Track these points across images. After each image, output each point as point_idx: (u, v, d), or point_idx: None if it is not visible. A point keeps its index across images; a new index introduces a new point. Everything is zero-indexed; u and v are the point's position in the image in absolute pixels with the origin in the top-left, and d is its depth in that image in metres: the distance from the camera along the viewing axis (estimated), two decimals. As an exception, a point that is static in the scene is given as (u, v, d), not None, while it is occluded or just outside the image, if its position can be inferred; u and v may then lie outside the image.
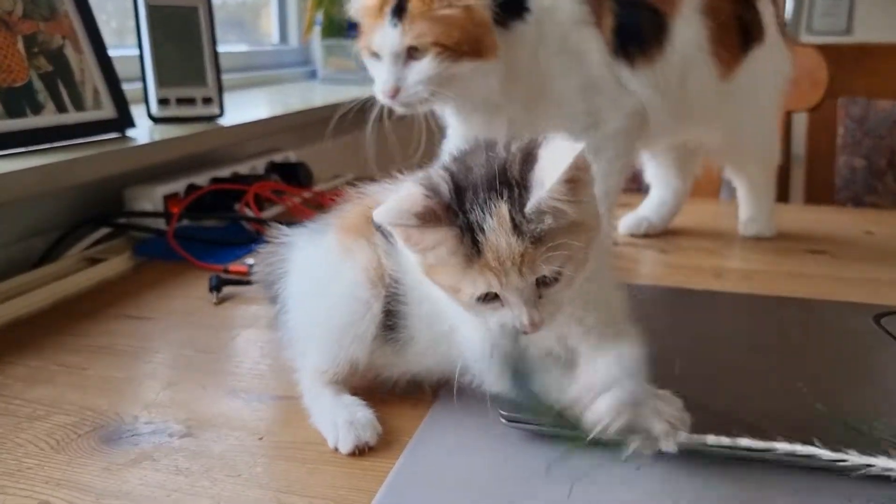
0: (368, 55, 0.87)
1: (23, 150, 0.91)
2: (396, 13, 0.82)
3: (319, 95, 1.70)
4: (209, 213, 1.11)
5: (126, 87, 1.09)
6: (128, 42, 1.41)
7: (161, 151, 1.08)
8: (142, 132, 1.09)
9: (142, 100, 1.16)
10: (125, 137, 1.06)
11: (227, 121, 1.23)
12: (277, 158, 1.36)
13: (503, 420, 0.56)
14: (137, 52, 1.16)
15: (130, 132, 1.07)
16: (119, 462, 0.54)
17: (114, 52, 1.09)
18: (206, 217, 1.10)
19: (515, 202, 0.48)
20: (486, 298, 0.50)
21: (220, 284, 0.87)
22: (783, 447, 0.49)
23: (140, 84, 1.16)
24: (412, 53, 0.82)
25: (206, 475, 0.53)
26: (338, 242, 0.60)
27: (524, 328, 0.50)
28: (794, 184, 1.69)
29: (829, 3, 4.67)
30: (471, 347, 0.56)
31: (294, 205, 1.18)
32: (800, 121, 1.67)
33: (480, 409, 0.57)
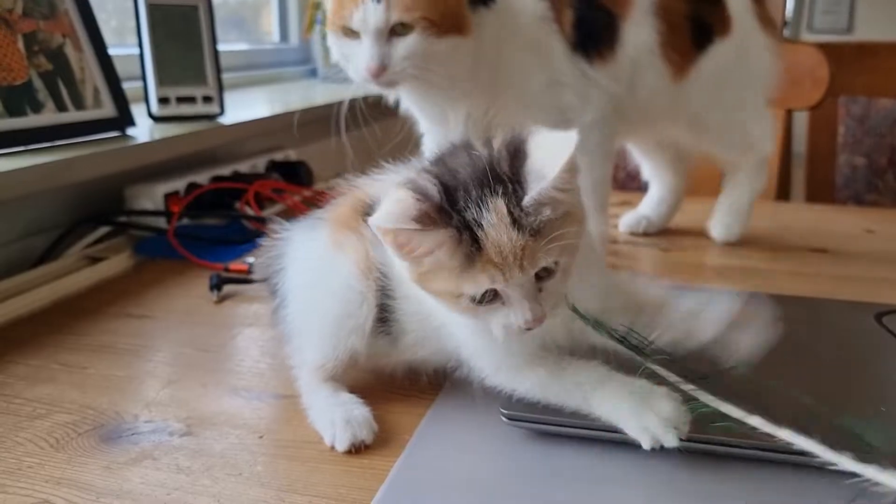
0: (342, 35, 0.83)
1: (23, 149, 0.91)
2: None
3: (320, 94, 1.70)
4: (210, 212, 1.11)
5: (126, 86, 1.08)
6: (128, 41, 1.41)
7: (161, 150, 1.08)
8: (142, 131, 1.09)
9: (142, 98, 1.16)
10: (125, 136, 1.06)
11: (228, 119, 1.23)
12: (278, 157, 1.36)
13: (504, 419, 0.56)
14: (138, 51, 1.16)
15: (131, 131, 1.07)
16: (119, 461, 0.54)
17: (114, 51, 1.09)
18: (207, 216, 1.10)
19: (511, 197, 0.48)
20: (485, 300, 0.50)
21: (221, 283, 0.87)
22: (785, 434, 0.48)
23: (140, 83, 1.16)
24: (395, 30, 0.79)
25: (207, 474, 0.53)
26: (330, 236, 0.61)
27: (528, 324, 0.50)
28: (795, 182, 1.69)
29: (830, 2, 4.67)
30: (464, 345, 0.57)
31: (294, 203, 1.18)
32: (800, 119, 1.67)
33: (481, 408, 0.57)
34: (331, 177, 1.40)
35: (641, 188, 1.18)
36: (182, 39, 1.19)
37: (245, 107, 1.38)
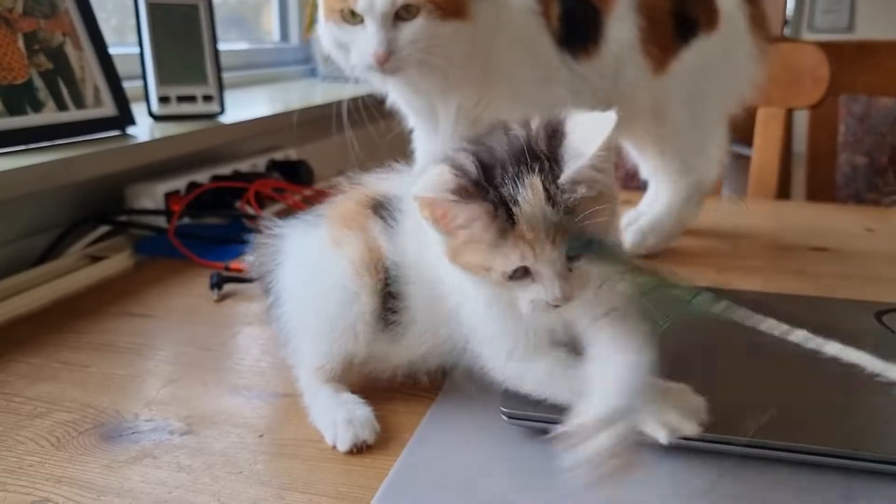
0: (341, 21, 0.81)
1: (23, 148, 0.91)
2: None
3: (320, 93, 1.70)
4: (210, 211, 1.11)
5: (127, 85, 1.09)
6: (128, 40, 1.41)
7: (162, 149, 1.08)
8: (142, 130, 1.09)
9: (142, 97, 1.16)
10: (126, 135, 1.06)
11: (228, 118, 1.23)
12: (278, 156, 1.36)
13: (504, 417, 0.56)
14: (138, 50, 1.16)
15: (131, 130, 1.07)
16: (120, 459, 0.54)
17: (114, 50, 1.09)
18: (207, 215, 1.10)
19: (547, 174, 0.49)
20: (517, 275, 0.50)
21: (221, 282, 0.87)
22: (834, 348, 0.50)
23: (141, 82, 1.16)
24: (399, 14, 0.78)
25: (208, 472, 0.53)
26: (329, 234, 0.60)
27: (556, 301, 0.50)
28: (796, 181, 1.69)
29: (831, 1, 4.67)
30: (477, 329, 0.56)
31: (295, 202, 1.18)
32: (801, 118, 1.67)
33: (481, 407, 0.58)
34: (331, 176, 1.40)
35: (641, 187, 1.18)
36: (182, 38, 1.19)
37: (245, 106, 1.39)
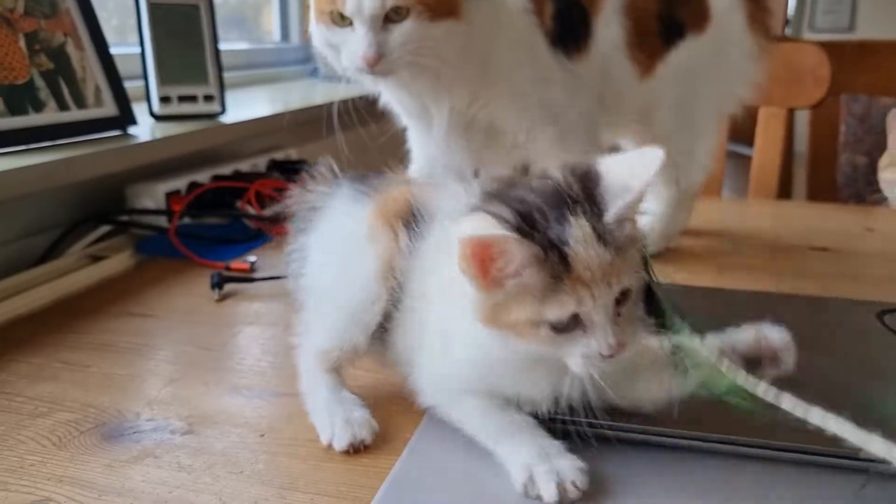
0: (330, 23, 0.80)
1: (24, 148, 0.91)
2: None
3: (321, 93, 1.70)
4: (211, 211, 1.11)
5: (127, 85, 1.09)
6: (129, 40, 1.41)
7: (163, 149, 1.08)
8: (143, 130, 1.09)
9: (143, 97, 1.16)
10: (127, 135, 1.06)
11: (229, 118, 1.23)
12: (279, 156, 1.36)
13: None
14: (139, 50, 1.16)
15: (132, 130, 1.07)
16: (121, 459, 0.54)
17: (115, 50, 1.09)
18: (208, 215, 1.10)
19: (590, 215, 0.47)
20: (567, 326, 0.47)
21: (222, 282, 0.87)
22: (819, 414, 0.47)
23: (142, 82, 1.16)
24: (389, 16, 0.77)
25: (209, 472, 0.53)
26: (370, 223, 0.58)
27: (612, 350, 0.47)
28: (797, 181, 1.68)
29: (832, 1, 4.67)
30: (425, 356, 0.55)
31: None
32: (802, 118, 1.67)
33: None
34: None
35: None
36: (183, 38, 1.19)
37: (246, 106, 1.39)
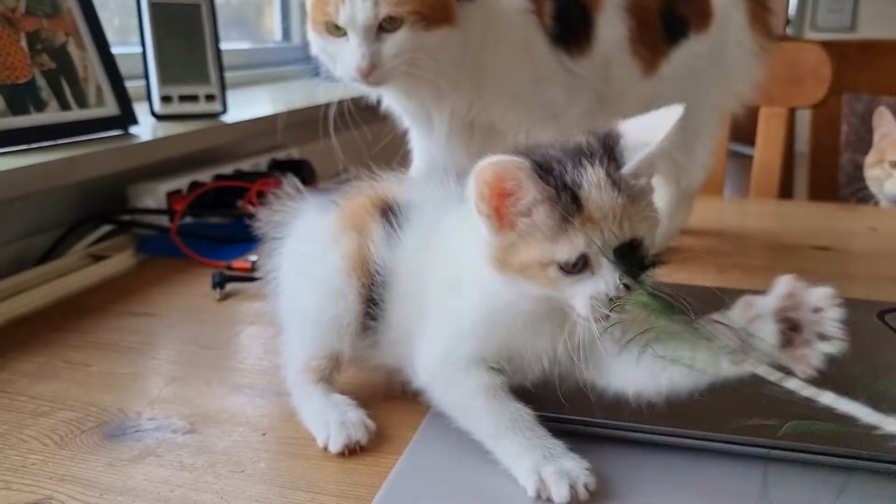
0: (325, 33, 0.80)
1: (26, 148, 0.92)
2: None
3: (322, 93, 1.70)
4: (212, 211, 1.11)
5: (129, 85, 1.09)
6: (131, 40, 1.41)
7: (164, 148, 1.09)
8: (145, 129, 1.09)
9: (145, 97, 1.16)
10: (128, 135, 1.06)
11: (230, 118, 1.23)
12: (280, 156, 1.36)
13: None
14: (140, 50, 1.16)
15: (133, 129, 1.08)
16: (123, 458, 0.55)
17: (117, 50, 1.09)
18: (209, 214, 1.11)
19: (607, 165, 0.49)
20: (576, 268, 0.49)
21: (224, 281, 0.87)
22: (829, 398, 0.46)
23: (143, 81, 1.17)
24: (383, 25, 0.77)
25: (210, 471, 0.53)
26: (332, 225, 0.60)
27: (619, 290, 0.48)
28: (798, 180, 1.68)
29: (833, 0, 4.66)
30: (428, 329, 0.55)
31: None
32: (803, 117, 1.67)
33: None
34: (333, 175, 1.40)
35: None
36: (185, 38, 1.19)
37: (247, 105, 1.39)
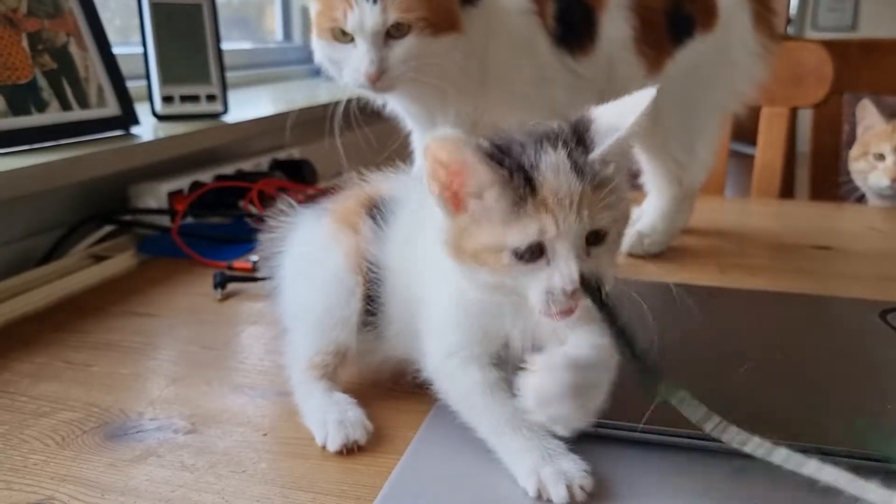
0: (331, 39, 0.81)
1: (27, 148, 0.92)
2: None
3: (324, 92, 1.70)
4: (213, 211, 1.11)
5: (130, 85, 1.09)
6: (132, 40, 1.41)
7: (165, 149, 1.09)
8: (146, 129, 1.09)
9: (146, 97, 1.16)
10: (129, 135, 1.06)
11: (231, 118, 1.23)
12: (281, 156, 1.36)
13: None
14: (142, 50, 1.16)
15: (135, 129, 1.08)
16: (124, 458, 0.55)
17: (118, 50, 1.09)
18: (211, 214, 1.11)
19: (572, 150, 0.47)
20: (530, 256, 0.46)
21: (225, 281, 0.87)
22: (814, 465, 0.43)
23: (144, 81, 1.17)
24: (390, 32, 0.78)
25: (211, 471, 0.53)
26: (328, 228, 0.61)
27: (573, 284, 0.45)
28: (799, 180, 1.68)
29: (834, 0, 4.66)
30: (432, 322, 0.55)
31: (298, 202, 1.18)
32: (805, 117, 1.66)
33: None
34: (334, 175, 1.40)
35: (638, 187, 1.18)
36: (186, 38, 1.19)
37: (249, 105, 1.39)
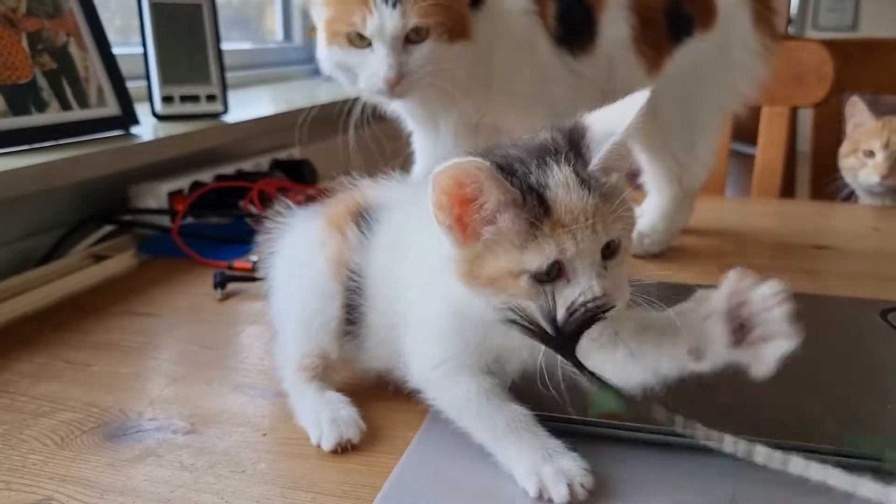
0: (346, 44, 0.80)
1: (27, 148, 0.92)
2: None
3: (324, 92, 1.70)
4: (213, 211, 1.11)
5: (130, 85, 1.09)
6: (132, 40, 1.41)
7: (165, 149, 1.09)
8: (146, 129, 1.09)
9: (146, 97, 1.16)
10: (129, 135, 1.06)
11: (232, 118, 1.23)
12: (281, 156, 1.36)
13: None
14: (141, 50, 1.16)
15: (134, 129, 1.08)
16: (124, 458, 0.54)
17: (118, 50, 1.09)
18: (211, 214, 1.11)
19: (574, 163, 0.47)
20: (549, 277, 0.46)
21: (225, 281, 0.87)
22: (799, 463, 0.44)
23: (144, 82, 1.17)
24: (409, 37, 0.78)
25: (211, 471, 0.53)
26: (318, 232, 0.61)
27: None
28: (800, 180, 1.68)
29: (835, -1, 4.66)
30: (418, 331, 0.54)
31: (298, 202, 1.18)
32: (805, 116, 1.66)
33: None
34: (335, 175, 1.40)
35: (638, 187, 1.18)
36: (186, 38, 1.19)
37: (249, 105, 1.39)
